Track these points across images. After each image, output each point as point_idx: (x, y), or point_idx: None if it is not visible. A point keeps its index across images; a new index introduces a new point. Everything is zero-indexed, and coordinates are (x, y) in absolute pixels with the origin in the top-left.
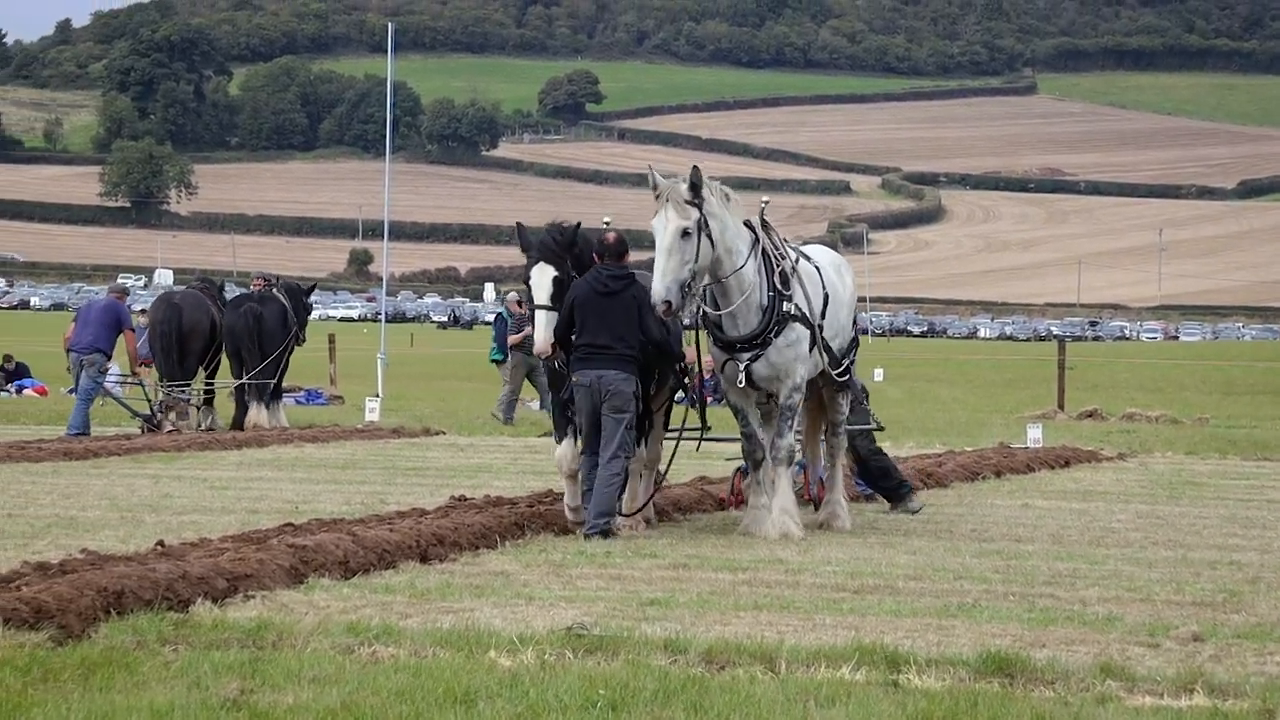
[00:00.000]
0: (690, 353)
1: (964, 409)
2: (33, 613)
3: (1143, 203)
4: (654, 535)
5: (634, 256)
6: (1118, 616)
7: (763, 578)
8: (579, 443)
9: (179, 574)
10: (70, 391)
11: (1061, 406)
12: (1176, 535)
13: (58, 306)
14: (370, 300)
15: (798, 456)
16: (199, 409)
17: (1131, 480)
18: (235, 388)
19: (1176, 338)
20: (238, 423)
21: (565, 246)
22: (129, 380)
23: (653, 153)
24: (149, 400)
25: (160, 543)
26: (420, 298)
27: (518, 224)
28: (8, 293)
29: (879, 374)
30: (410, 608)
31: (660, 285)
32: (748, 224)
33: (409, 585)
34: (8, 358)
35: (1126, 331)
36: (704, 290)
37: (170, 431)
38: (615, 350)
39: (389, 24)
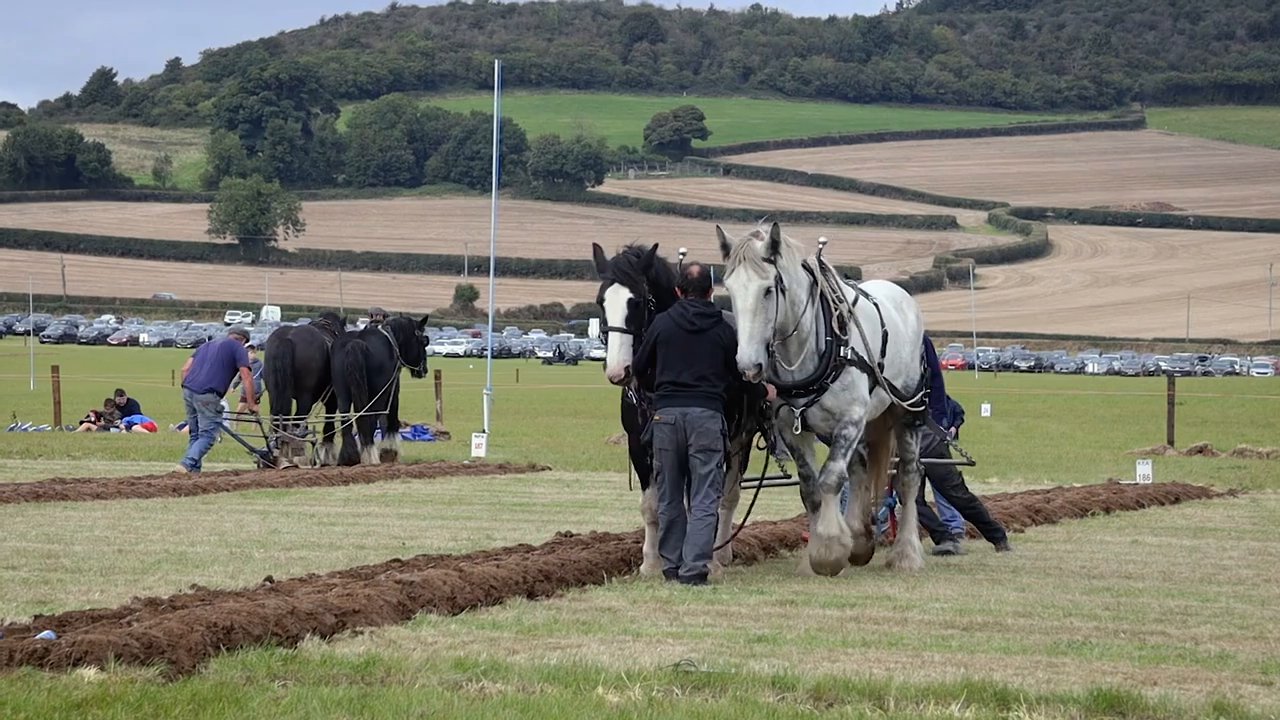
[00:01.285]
0: (772, 390)
1: (1072, 445)
2: (144, 648)
3: (1253, 237)
4: (761, 571)
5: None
6: (1230, 654)
7: (870, 614)
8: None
9: (288, 610)
10: (180, 427)
11: (1171, 442)
12: None
13: (166, 343)
14: (476, 336)
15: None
16: (314, 445)
17: (1243, 517)
18: (344, 424)
19: None
20: (346, 458)
21: (641, 269)
22: (242, 417)
23: (758, 188)
24: (265, 437)
25: (269, 578)
26: (525, 333)
27: (595, 245)
28: (117, 329)
29: (986, 409)
30: (518, 644)
31: (750, 349)
32: (805, 265)
33: (516, 621)
34: (119, 392)
35: (1237, 367)
36: None
37: (287, 468)
38: (700, 389)
39: (496, 61)
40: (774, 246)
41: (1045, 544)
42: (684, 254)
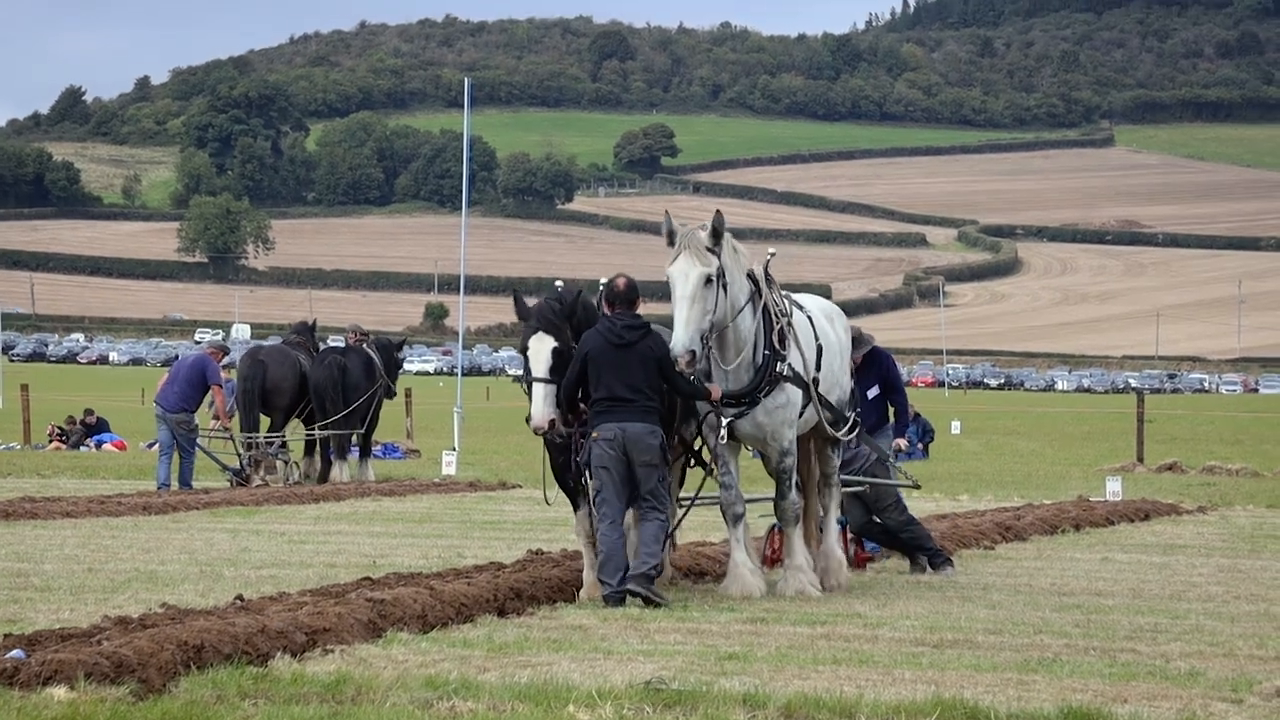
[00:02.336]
0: (716, 390)
1: (1042, 462)
2: (113, 667)
3: (1221, 255)
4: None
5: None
6: (1200, 671)
7: (841, 632)
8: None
9: (258, 628)
10: (149, 445)
11: (1141, 459)
12: (1259, 589)
13: (136, 362)
14: (446, 354)
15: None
16: (287, 463)
17: (1212, 534)
18: (319, 441)
19: (1256, 390)
20: (323, 476)
21: (565, 315)
22: (215, 434)
23: (728, 205)
24: (238, 454)
25: (239, 597)
26: (496, 351)
27: (514, 291)
28: (87, 348)
29: (957, 426)
30: (488, 662)
31: (685, 334)
32: (750, 276)
33: (487, 639)
34: (88, 412)
35: (1206, 384)
36: None
37: (259, 486)
38: (638, 403)
39: (465, 79)
40: (716, 235)
41: (1015, 561)
42: (611, 277)
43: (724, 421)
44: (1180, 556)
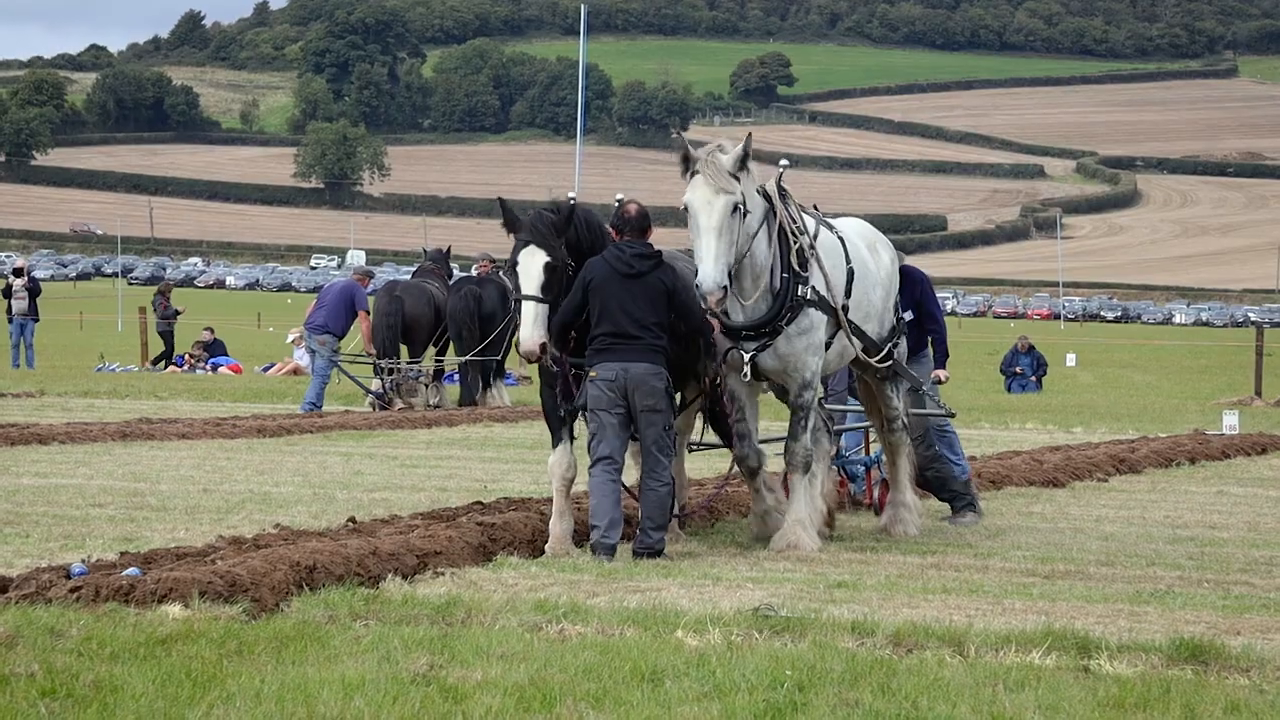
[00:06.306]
0: (717, 324)
1: (1158, 395)
2: (227, 586)
3: None
4: (838, 519)
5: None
6: None
7: (951, 561)
8: (577, 446)
9: (370, 550)
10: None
11: (1259, 393)
12: None
13: (251, 286)
14: None
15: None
16: (427, 386)
17: None
18: (460, 367)
19: None
20: (465, 400)
21: (559, 228)
22: (358, 359)
23: (844, 135)
24: (380, 379)
25: (352, 519)
26: None
27: (499, 199)
28: (204, 272)
29: (1072, 359)
30: (598, 586)
31: (715, 270)
32: (762, 192)
33: (596, 564)
34: (208, 330)
35: None
36: None
37: (401, 409)
38: (644, 341)
39: (582, 6)
40: (743, 161)
41: (1129, 494)
42: (621, 199)
43: (746, 360)
44: None
